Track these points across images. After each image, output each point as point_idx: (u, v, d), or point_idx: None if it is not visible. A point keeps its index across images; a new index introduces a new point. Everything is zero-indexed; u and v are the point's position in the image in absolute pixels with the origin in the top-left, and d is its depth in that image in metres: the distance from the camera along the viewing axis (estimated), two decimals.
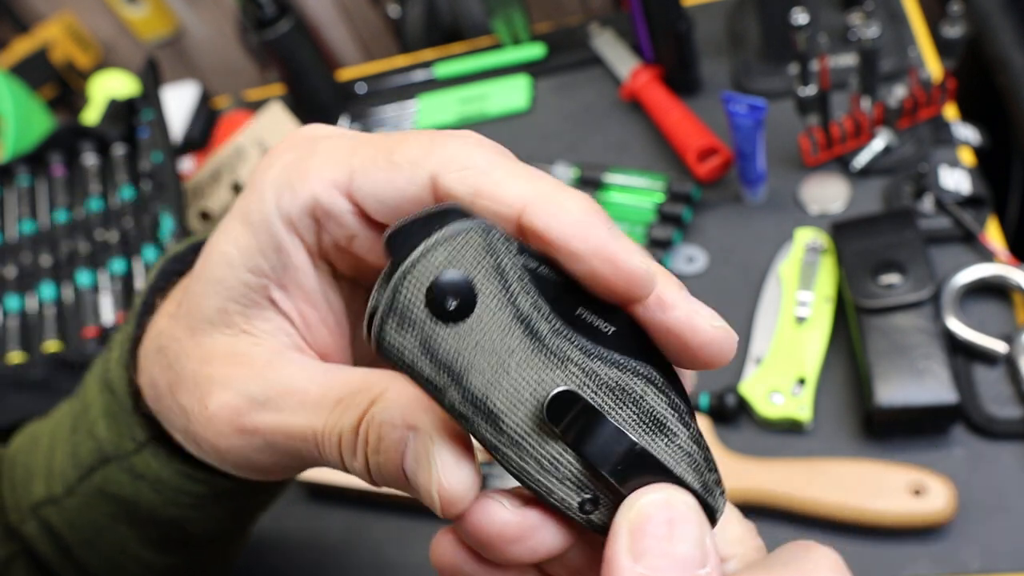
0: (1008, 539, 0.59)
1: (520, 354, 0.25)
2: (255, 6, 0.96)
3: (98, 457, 0.41)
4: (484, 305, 0.24)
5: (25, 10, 1.53)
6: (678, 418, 0.26)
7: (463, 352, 0.24)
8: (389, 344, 0.24)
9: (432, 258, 0.23)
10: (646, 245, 0.78)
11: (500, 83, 1.01)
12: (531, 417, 0.25)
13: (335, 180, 0.28)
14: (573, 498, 0.26)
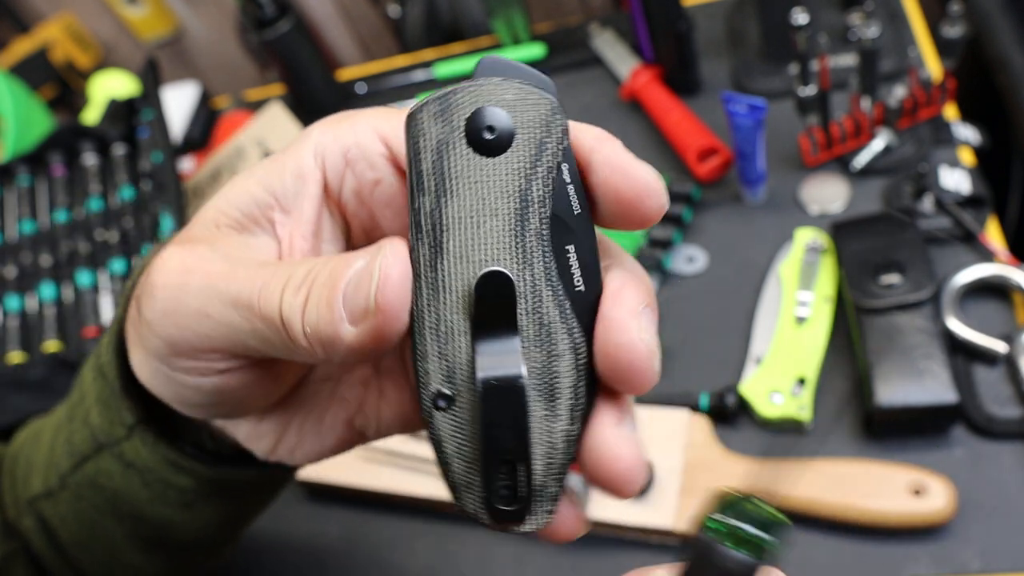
0: (1008, 539, 0.59)
1: (500, 222, 0.25)
2: (255, 6, 0.96)
3: (92, 445, 0.41)
4: (506, 161, 0.25)
5: (25, 10, 1.53)
6: (570, 405, 0.26)
7: (462, 179, 0.25)
8: (418, 120, 0.25)
9: (501, 93, 0.25)
10: (646, 245, 0.78)
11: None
12: (464, 277, 0.25)
13: (377, 126, 0.30)
14: (436, 382, 0.25)
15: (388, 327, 0.26)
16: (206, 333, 0.30)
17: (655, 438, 0.66)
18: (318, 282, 0.27)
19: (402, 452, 0.71)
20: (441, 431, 0.26)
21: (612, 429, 0.27)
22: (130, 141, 0.96)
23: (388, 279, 0.26)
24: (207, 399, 0.33)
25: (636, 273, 0.28)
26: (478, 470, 0.26)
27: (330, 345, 0.27)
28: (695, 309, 0.76)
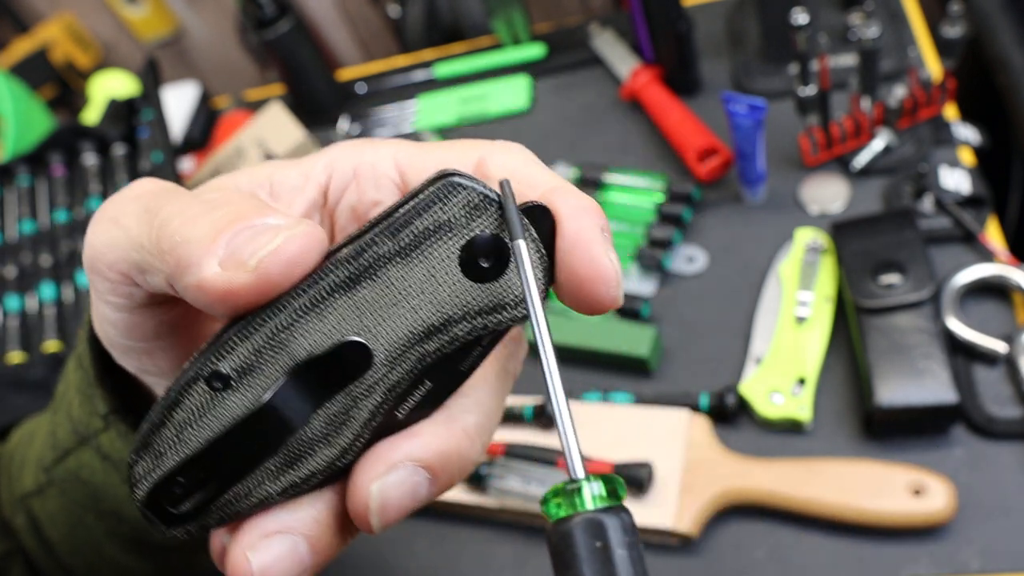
0: (1008, 539, 0.59)
1: (412, 320, 0.25)
2: (255, 6, 0.96)
3: (73, 438, 0.41)
4: (466, 290, 0.25)
5: (25, 10, 1.53)
6: (291, 482, 0.25)
7: (429, 266, 0.24)
8: (451, 189, 0.24)
9: (523, 251, 0.24)
10: (646, 245, 0.78)
11: (500, 83, 1.01)
12: (345, 323, 0.24)
13: (397, 154, 0.30)
14: (229, 363, 0.24)
15: (246, 292, 0.24)
16: (104, 241, 0.28)
17: (655, 438, 0.66)
18: (222, 207, 0.25)
19: None
20: (189, 402, 0.24)
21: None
22: (130, 141, 0.96)
23: (286, 251, 0.24)
24: (125, 336, 0.32)
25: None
26: (181, 454, 0.24)
27: (184, 268, 0.24)
28: (695, 309, 0.76)
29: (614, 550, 0.21)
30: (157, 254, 0.25)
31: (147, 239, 0.26)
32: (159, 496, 0.25)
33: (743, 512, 0.64)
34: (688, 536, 0.63)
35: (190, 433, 0.24)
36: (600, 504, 0.21)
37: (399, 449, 0.25)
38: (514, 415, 0.70)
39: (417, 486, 0.26)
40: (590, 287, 0.25)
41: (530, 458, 0.67)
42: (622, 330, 0.72)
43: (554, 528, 0.21)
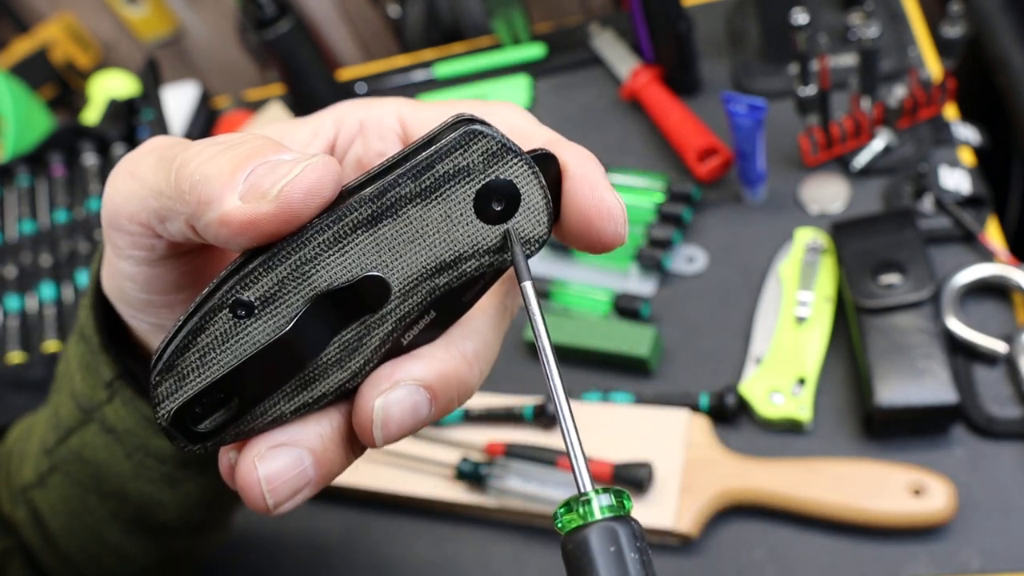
0: (1008, 539, 0.59)
1: (428, 256, 0.26)
2: (255, 6, 0.96)
3: (77, 415, 0.41)
4: (480, 230, 0.26)
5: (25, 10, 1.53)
6: (303, 401, 0.27)
7: (445, 208, 0.26)
8: (471, 135, 0.25)
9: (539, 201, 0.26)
10: (646, 245, 0.78)
11: (500, 83, 1.01)
12: (365, 257, 0.26)
13: (400, 109, 0.32)
14: (253, 291, 0.25)
15: (269, 222, 0.24)
16: (123, 194, 0.29)
17: (655, 438, 0.66)
18: (237, 146, 0.26)
19: (402, 452, 0.71)
20: (213, 328, 0.25)
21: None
22: (130, 141, 0.96)
23: (305, 179, 0.24)
24: (143, 291, 0.32)
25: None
26: (204, 377, 0.25)
27: (206, 205, 0.25)
28: (695, 309, 0.76)
29: (626, 554, 0.22)
30: (177, 195, 0.26)
31: (165, 184, 0.27)
32: (181, 416, 0.26)
33: (743, 512, 0.64)
34: (688, 536, 0.63)
35: (213, 357, 0.25)
36: (609, 514, 0.23)
37: (402, 369, 0.27)
38: (514, 415, 0.70)
39: (418, 405, 0.27)
40: (599, 224, 0.27)
41: (530, 458, 0.67)
42: (622, 330, 0.72)
43: (569, 537, 0.23)
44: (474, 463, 0.67)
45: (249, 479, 0.26)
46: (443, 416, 0.29)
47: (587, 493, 0.23)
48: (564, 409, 0.24)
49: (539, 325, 0.25)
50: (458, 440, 0.70)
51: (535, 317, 0.25)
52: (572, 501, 0.23)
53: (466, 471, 0.67)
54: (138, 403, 0.38)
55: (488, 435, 0.70)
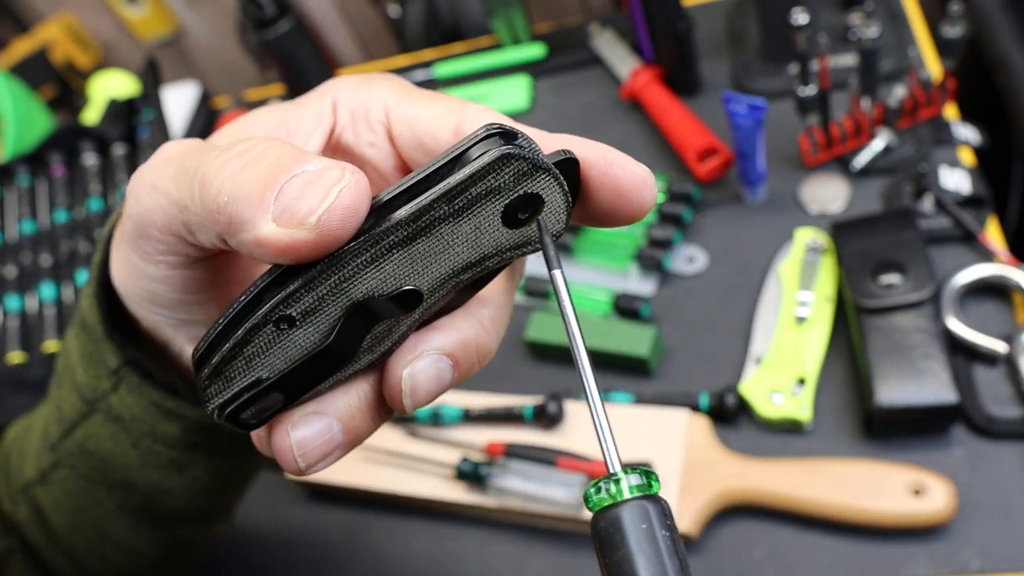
0: (1008, 539, 0.59)
1: (452, 263, 0.28)
2: (255, 6, 0.96)
3: (80, 407, 0.41)
4: (504, 234, 0.28)
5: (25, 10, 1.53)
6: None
7: (477, 222, 0.27)
8: (502, 160, 0.26)
9: (560, 204, 0.28)
10: (646, 245, 0.78)
11: (500, 83, 1.01)
12: (397, 275, 0.27)
13: (385, 100, 0.33)
14: (297, 307, 0.27)
15: (309, 248, 0.25)
16: (149, 207, 0.30)
17: (655, 438, 0.66)
18: (260, 160, 0.26)
19: (402, 452, 0.71)
20: (258, 340, 0.27)
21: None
22: (130, 141, 0.96)
23: (341, 205, 0.25)
24: (172, 293, 0.33)
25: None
26: (249, 378, 0.28)
27: (238, 227, 0.25)
28: (695, 309, 0.76)
29: (657, 531, 0.23)
30: (205, 215, 0.27)
31: (190, 200, 0.27)
32: (228, 409, 0.28)
33: (743, 512, 0.64)
34: (688, 536, 0.63)
35: (258, 362, 0.27)
36: (638, 493, 0.24)
37: (426, 341, 0.29)
38: (514, 415, 0.70)
39: (442, 372, 0.29)
40: (636, 193, 0.29)
41: (530, 458, 0.67)
42: (622, 330, 0.72)
43: (601, 515, 0.23)
44: (474, 463, 0.67)
45: (283, 445, 0.28)
46: (466, 379, 0.31)
47: (616, 473, 0.24)
48: (593, 393, 0.25)
49: (568, 312, 0.27)
50: (458, 440, 0.70)
51: (564, 304, 0.27)
52: (602, 481, 0.24)
53: (466, 471, 0.67)
54: (145, 389, 0.38)
55: (488, 435, 0.70)
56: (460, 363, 0.30)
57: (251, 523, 0.76)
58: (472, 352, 0.30)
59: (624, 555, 0.22)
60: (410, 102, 0.33)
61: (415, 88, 0.34)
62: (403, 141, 0.33)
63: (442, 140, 0.31)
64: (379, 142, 0.33)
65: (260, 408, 0.28)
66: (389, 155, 0.34)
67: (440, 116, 0.31)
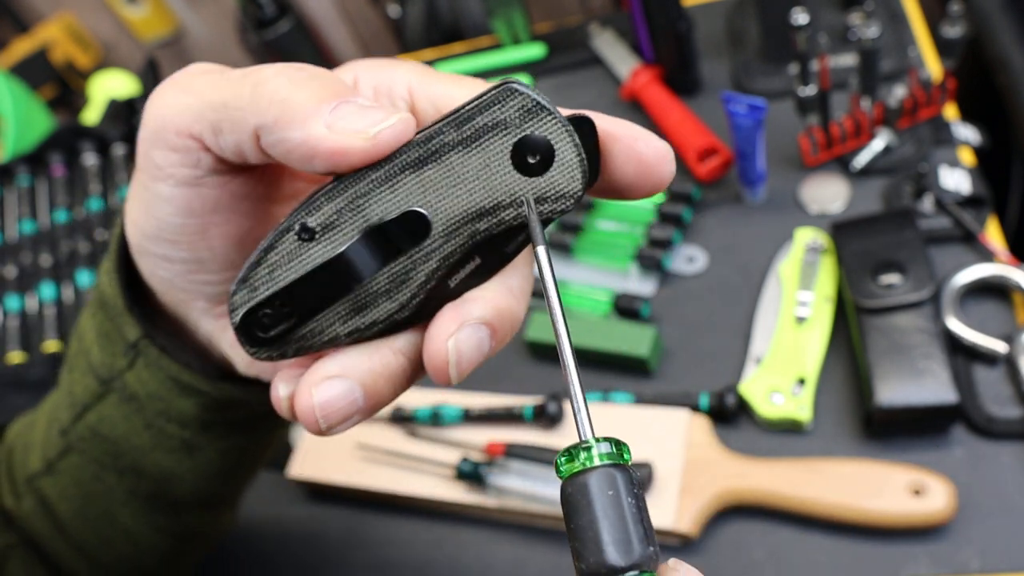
0: (1008, 539, 0.59)
1: (470, 200, 0.29)
2: (255, 6, 0.96)
3: (94, 389, 0.41)
4: (515, 180, 0.29)
5: (25, 10, 1.53)
6: (356, 326, 0.30)
7: (486, 157, 0.29)
8: (510, 94, 0.28)
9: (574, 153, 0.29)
10: (646, 245, 0.78)
11: None
12: (415, 193, 0.29)
13: (408, 80, 0.33)
14: (316, 218, 0.29)
15: (357, 155, 0.28)
16: (172, 106, 0.31)
17: (655, 438, 0.66)
18: (318, 78, 0.29)
19: (402, 452, 0.71)
20: (281, 247, 0.29)
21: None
22: (130, 141, 0.96)
23: (397, 129, 0.28)
24: (181, 216, 0.33)
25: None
26: (270, 289, 0.30)
27: (287, 123, 0.28)
28: (695, 309, 0.76)
29: (623, 499, 0.23)
30: (252, 106, 0.28)
31: (233, 95, 0.29)
32: (250, 322, 0.30)
33: (743, 512, 0.64)
34: (688, 536, 0.63)
35: (279, 273, 0.29)
36: (608, 461, 0.24)
37: (464, 311, 0.30)
38: (514, 415, 0.70)
39: (482, 341, 0.30)
40: (657, 167, 0.30)
41: (530, 458, 0.67)
42: (622, 330, 0.72)
43: (570, 480, 0.24)
44: (474, 463, 0.67)
45: (305, 405, 0.30)
46: (501, 347, 0.32)
47: (588, 441, 0.24)
48: (569, 360, 0.26)
49: (548, 281, 0.28)
50: (458, 440, 0.70)
51: (546, 275, 0.28)
52: (573, 448, 0.24)
53: (466, 471, 0.67)
54: (163, 362, 0.39)
55: (488, 435, 0.70)
56: (497, 331, 0.31)
57: (251, 523, 0.76)
58: (507, 320, 0.31)
59: (589, 520, 0.23)
60: (433, 82, 0.33)
61: (438, 71, 0.34)
62: (426, 119, 0.33)
63: None
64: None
65: (280, 329, 0.30)
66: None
67: (464, 95, 0.32)
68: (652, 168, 0.30)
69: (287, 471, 0.73)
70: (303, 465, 0.73)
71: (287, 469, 0.73)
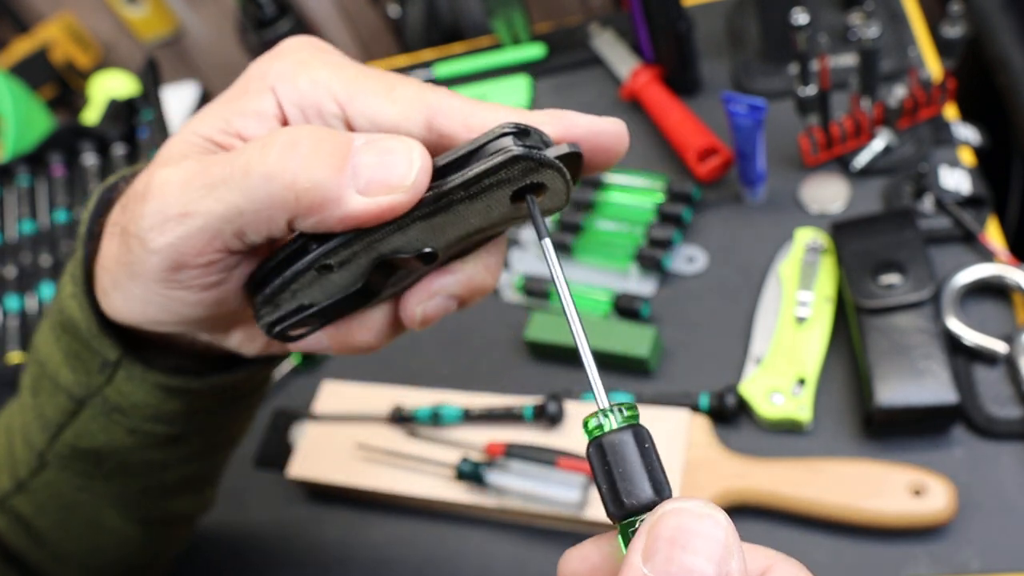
0: (1008, 539, 0.59)
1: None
2: (255, 6, 0.97)
3: (68, 408, 0.41)
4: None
5: (25, 10, 1.53)
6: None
7: (490, 211, 0.32)
8: (508, 158, 0.30)
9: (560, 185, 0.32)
10: (646, 245, 0.78)
11: (500, 83, 1.01)
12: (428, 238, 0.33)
13: (334, 91, 0.33)
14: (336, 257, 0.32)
15: (405, 206, 0.29)
16: (183, 236, 0.30)
17: (655, 438, 0.66)
18: (319, 144, 0.29)
19: (402, 452, 0.71)
20: (303, 279, 0.32)
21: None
22: (130, 141, 0.96)
23: (425, 166, 0.29)
24: (208, 311, 0.34)
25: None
26: (294, 305, 0.34)
27: (321, 206, 0.28)
28: (695, 309, 0.76)
29: (652, 451, 0.28)
30: (277, 206, 0.29)
31: (248, 202, 0.29)
32: (277, 327, 0.35)
33: (743, 512, 0.64)
34: None
35: (301, 295, 0.33)
36: (626, 423, 0.28)
37: (438, 284, 0.35)
38: (514, 415, 0.70)
39: (448, 307, 0.36)
40: (615, 149, 0.33)
41: (530, 458, 0.67)
42: (622, 330, 0.72)
43: (604, 439, 0.27)
44: (474, 463, 0.67)
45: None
46: (468, 307, 0.37)
47: (607, 408, 0.28)
48: (582, 339, 0.28)
49: (556, 269, 0.30)
50: (458, 440, 0.70)
51: (554, 266, 0.30)
52: (597, 413, 0.28)
53: (466, 471, 0.67)
54: (149, 375, 0.38)
55: (488, 435, 0.70)
56: (465, 300, 0.36)
57: (251, 523, 0.76)
58: (476, 291, 0.36)
59: (628, 468, 0.27)
60: (363, 93, 0.33)
61: (356, 68, 0.33)
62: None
63: (415, 135, 0.32)
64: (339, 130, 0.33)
65: (300, 325, 0.35)
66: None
67: (403, 113, 0.32)
68: (612, 151, 0.33)
69: (287, 471, 0.73)
70: (303, 465, 0.73)
71: (287, 469, 0.73)
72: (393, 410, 0.73)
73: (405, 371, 0.80)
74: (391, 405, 0.73)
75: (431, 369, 0.80)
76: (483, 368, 0.79)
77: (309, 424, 0.75)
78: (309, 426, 0.75)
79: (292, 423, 0.79)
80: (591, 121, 0.32)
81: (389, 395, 0.75)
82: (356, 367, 0.83)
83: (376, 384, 0.77)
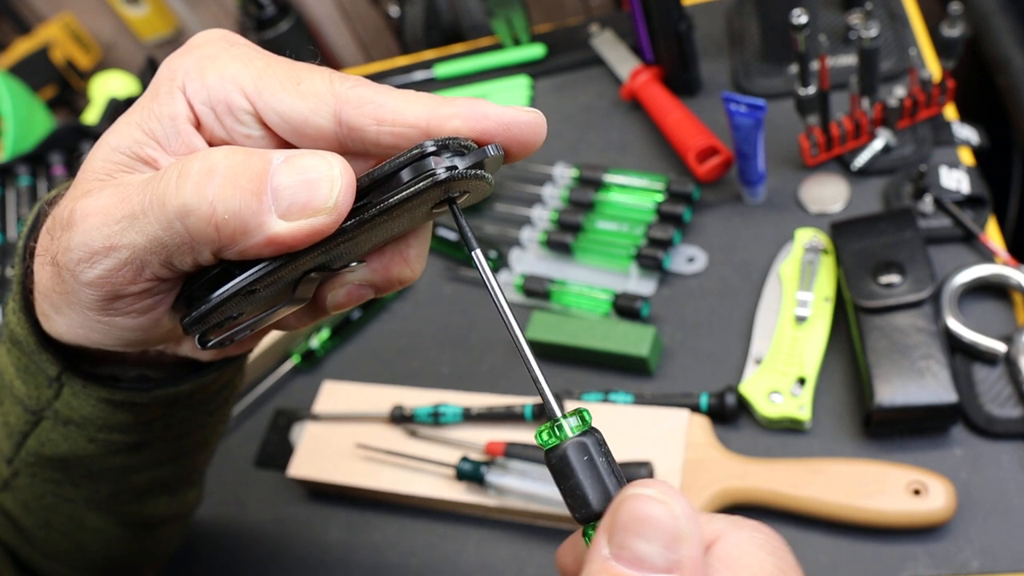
0: (1008, 539, 0.59)
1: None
2: (255, 6, 0.97)
3: (27, 418, 0.41)
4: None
5: (25, 10, 1.53)
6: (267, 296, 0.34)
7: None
8: (445, 181, 0.30)
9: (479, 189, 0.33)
10: (646, 245, 0.78)
11: (500, 83, 1.01)
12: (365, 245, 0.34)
13: (243, 86, 0.32)
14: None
15: (329, 228, 0.29)
16: (111, 269, 0.30)
17: (655, 438, 0.66)
18: (234, 173, 0.28)
19: (402, 452, 0.71)
20: (231, 302, 0.32)
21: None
22: None
23: (348, 185, 0.29)
24: (148, 332, 0.34)
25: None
26: (220, 316, 0.33)
27: (243, 235, 0.28)
28: (695, 309, 0.76)
29: (596, 459, 0.29)
30: (196, 239, 0.29)
31: (169, 234, 0.29)
32: (210, 342, 0.35)
33: (743, 512, 0.64)
34: None
35: (227, 308, 0.33)
36: (578, 431, 0.29)
37: (351, 274, 0.35)
38: (514, 415, 0.70)
39: (363, 296, 0.36)
40: (533, 140, 0.32)
41: (530, 458, 0.67)
42: (622, 330, 0.73)
43: (552, 452, 0.29)
44: (474, 463, 0.67)
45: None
46: (387, 294, 0.39)
47: (558, 418, 0.29)
48: (524, 346, 0.30)
49: (492, 282, 0.31)
50: (458, 440, 0.70)
51: (488, 278, 0.31)
52: (547, 426, 0.29)
53: (466, 471, 0.67)
54: (90, 389, 0.38)
55: (488, 435, 0.70)
56: (381, 289, 0.36)
57: (251, 523, 0.76)
58: (393, 282, 0.36)
59: (575, 481, 0.29)
60: (272, 89, 0.32)
61: (265, 60, 0.33)
62: (281, 131, 0.32)
63: (324, 128, 0.32)
64: (253, 132, 0.33)
65: (233, 333, 0.35)
66: (268, 140, 0.33)
67: (312, 108, 0.31)
68: (530, 143, 0.33)
69: (287, 471, 0.73)
70: (303, 465, 0.73)
71: (287, 469, 0.73)
72: (393, 410, 0.73)
73: (405, 371, 0.80)
74: (391, 405, 0.73)
75: (431, 369, 0.80)
76: (483, 368, 0.79)
77: (309, 424, 0.76)
78: (309, 426, 0.75)
79: (292, 423, 0.79)
80: (501, 113, 0.31)
81: (389, 395, 0.75)
82: (356, 367, 0.83)
83: (376, 384, 0.77)
